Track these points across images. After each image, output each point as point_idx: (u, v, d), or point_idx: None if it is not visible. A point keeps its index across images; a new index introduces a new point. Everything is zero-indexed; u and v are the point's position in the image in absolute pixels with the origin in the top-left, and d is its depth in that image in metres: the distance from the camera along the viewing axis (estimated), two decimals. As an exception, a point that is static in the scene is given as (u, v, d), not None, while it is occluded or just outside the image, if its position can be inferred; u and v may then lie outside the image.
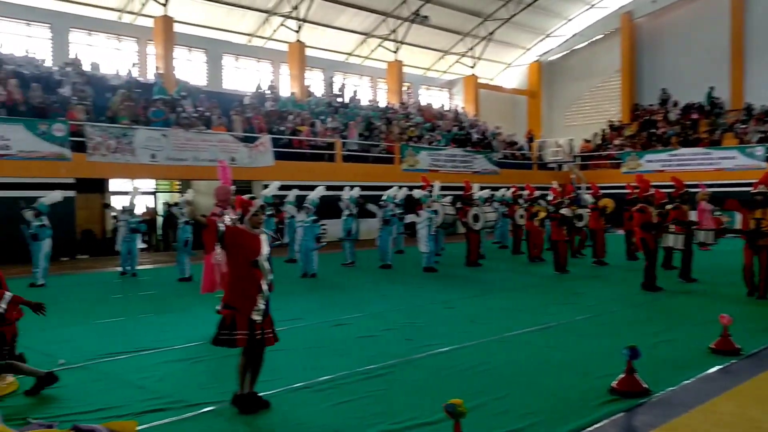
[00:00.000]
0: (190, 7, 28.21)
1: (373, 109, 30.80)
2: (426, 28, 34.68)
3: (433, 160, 28.34)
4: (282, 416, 5.44)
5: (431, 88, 39.53)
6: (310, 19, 30.53)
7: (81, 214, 19.97)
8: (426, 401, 5.72)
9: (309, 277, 14.56)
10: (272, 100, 26.95)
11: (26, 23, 24.33)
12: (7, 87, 18.67)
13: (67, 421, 5.09)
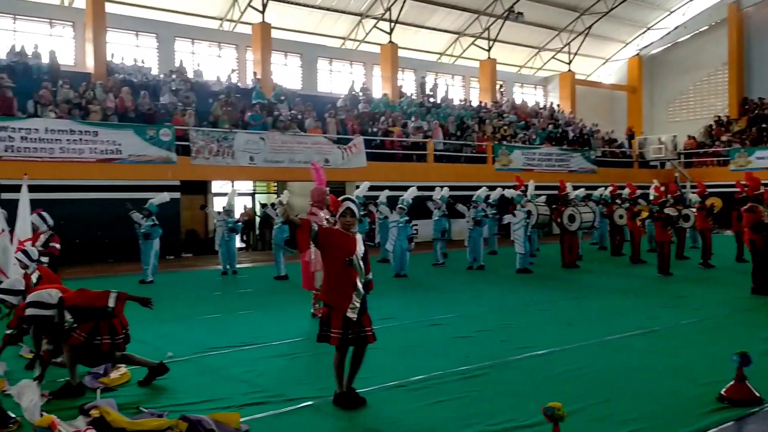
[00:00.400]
0: (286, 14, 29.03)
1: (466, 108, 30.58)
2: (520, 25, 34.14)
3: (528, 160, 27.83)
4: (377, 414, 5.48)
5: (525, 85, 38.86)
6: (402, 21, 30.70)
7: (185, 215, 20.92)
8: (523, 404, 5.61)
9: (401, 276, 14.62)
10: (365, 101, 27.28)
11: (135, 34, 25.74)
12: (119, 95, 19.81)
13: (176, 411, 5.34)
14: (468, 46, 35.25)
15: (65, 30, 24.30)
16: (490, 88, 33.89)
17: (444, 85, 33.68)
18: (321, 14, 30.35)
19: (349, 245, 5.66)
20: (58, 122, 17.49)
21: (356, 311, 5.56)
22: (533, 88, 39.29)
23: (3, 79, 18.33)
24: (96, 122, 18.20)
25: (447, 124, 27.24)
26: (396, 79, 30.27)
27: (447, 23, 33.80)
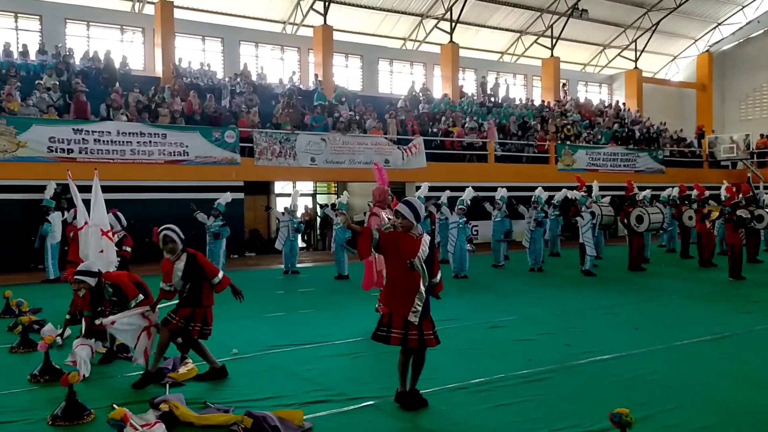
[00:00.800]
0: (347, 16, 29.28)
1: (528, 107, 30.17)
2: (584, 22, 33.49)
3: (592, 159, 27.22)
4: (439, 415, 5.47)
5: (590, 84, 38.09)
6: (463, 20, 30.52)
7: (249, 215, 21.34)
8: (588, 409, 5.51)
9: (461, 278, 14.54)
10: (425, 102, 27.23)
11: (201, 38, 26.43)
12: (186, 98, 20.38)
13: (241, 407, 5.46)
14: (530, 45, 34.78)
15: (135, 36, 25.15)
16: (553, 87, 33.33)
17: (503, 83, 33.28)
18: (382, 15, 30.49)
19: (412, 247, 5.60)
20: (129, 125, 18.09)
21: (418, 315, 5.53)
22: (598, 86, 38.44)
23: (78, 83, 19.10)
24: (164, 125, 18.75)
25: (508, 123, 26.93)
26: (456, 79, 30.11)
27: (509, 22, 33.44)
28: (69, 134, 17.06)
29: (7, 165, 16.27)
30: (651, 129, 32.02)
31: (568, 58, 35.79)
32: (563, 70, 34.51)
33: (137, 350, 6.58)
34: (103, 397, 5.84)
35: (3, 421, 5.37)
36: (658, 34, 35.89)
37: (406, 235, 5.67)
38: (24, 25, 23.25)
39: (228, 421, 5.14)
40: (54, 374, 6.43)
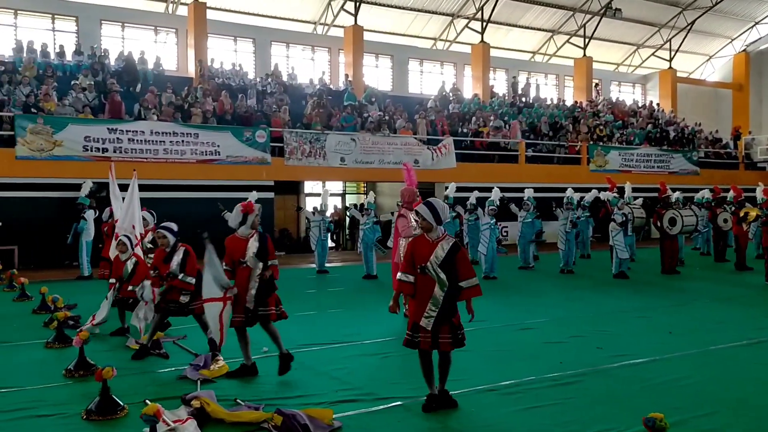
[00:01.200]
0: (378, 16, 29.33)
1: (559, 107, 29.88)
2: (618, 22, 33.08)
3: (625, 160, 26.87)
4: (469, 417, 5.44)
5: (623, 84, 37.61)
6: (494, 20, 30.37)
7: (279, 215, 21.49)
8: (620, 413, 5.43)
9: (491, 279, 14.46)
10: (455, 102, 27.14)
11: (233, 39, 26.69)
12: (218, 98, 20.59)
13: (271, 405, 5.49)
14: (562, 45, 34.47)
15: (169, 37, 25.49)
16: (586, 86, 32.97)
17: (534, 83, 33.01)
18: (412, 15, 30.47)
19: (424, 253, 5.48)
20: (162, 125, 18.35)
21: (431, 320, 5.43)
22: (631, 86, 37.94)
23: (113, 84, 19.43)
24: (197, 125, 18.97)
25: (539, 124, 26.70)
26: (487, 79, 29.95)
27: (541, 21, 33.17)
28: (104, 134, 17.37)
29: (44, 163, 16.62)
30: (685, 130, 31.51)
31: (600, 58, 35.38)
32: (596, 69, 34.13)
33: (214, 326, 6.62)
34: (136, 393, 5.92)
35: (39, 414, 5.48)
36: (694, 33, 35.31)
37: (422, 239, 5.56)
38: (61, 26, 23.73)
39: (258, 419, 5.17)
40: (88, 369, 6.55)
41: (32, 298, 11.30)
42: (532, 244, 16.80)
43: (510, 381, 6.38)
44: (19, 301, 11.45)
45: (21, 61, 19.93)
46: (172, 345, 7.95)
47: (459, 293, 5.52)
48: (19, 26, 22.95)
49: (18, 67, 19.54)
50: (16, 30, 22.72)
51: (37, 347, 7.96)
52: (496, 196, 15.64)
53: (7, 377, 6.60)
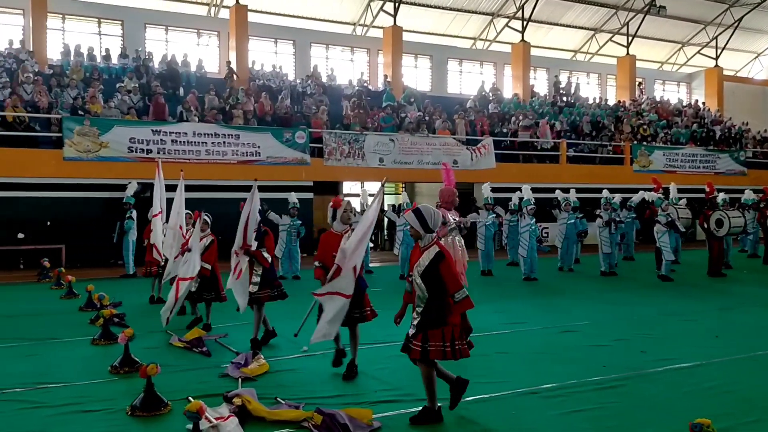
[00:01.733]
0: (417, 16, 29.31)
1: (601, 107, 29.41)
2: (662, 19, 32.44)
3: (669, 161, 26.32)
4: (510, 420, 5.37)
5: (667, 82, 36.87)
6: (535, 19, 30.06)
7: (318, 215, 21.57)
8: (666, 418, 5.32)
9: (531, 280, 14.31)
10: (495, 102, 26.92)
11: (274, 41, 26.96)
12: (259, 99, 20.82)
13: (311, 404, 5.51)
14: (605, 43, 33.96)
15: (211, 39, 25.88)
16: (629, 85, 32.38)
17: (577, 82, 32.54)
18: (452, 15, 30.36)
19: (414, 260, 5.36)
20: (204, 126, 18.62)
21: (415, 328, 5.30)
22: (676, 85, 37.15)
23: (156, 86, 19.79)
24: (238, 126, 19.20)
25: (581, 123, 26.32)
26: (528, 79, 29.65)
27: (582, 20, 32.72)
28: (148, 135, 17.71)
29: (90, 164, 17.03)
30: (732, 129, 30.71)
31: (644, 56, 34.72)
32: (639, 68, 33.51)
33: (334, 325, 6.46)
34: (179, 390, 6.01)
35: (85, 410, 5.60)
36: (741, 30, 34.40)
37: (417, 248, 5.42)
38: (107, 30, 24.30)
39: (298, 417, 5.20)
40: (133, 366, 6.67)
41: (79, 295, 11.58)
42: (575, 245, 16.58)
43: (552, 384, 6.29)
44: (66, 298, 11.74)
45: (69, 64, 20.45)
46: (214, 343, 8.05)
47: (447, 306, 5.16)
48: (67, 30, 23.57)
49: (66, 70, 20.06)
50: (64, 34, 23.34)
51: (83, 344, 8.14)
52: (528, 195, 15.50)
53: (54, 373, 6.77)
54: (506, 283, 14.12)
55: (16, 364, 7.19)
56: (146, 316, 9.99)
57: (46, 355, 7.59)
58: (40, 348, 7.98)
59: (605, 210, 15.83)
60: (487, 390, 6.05)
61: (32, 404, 5.74)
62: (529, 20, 29.57)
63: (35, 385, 6.31)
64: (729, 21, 33.82)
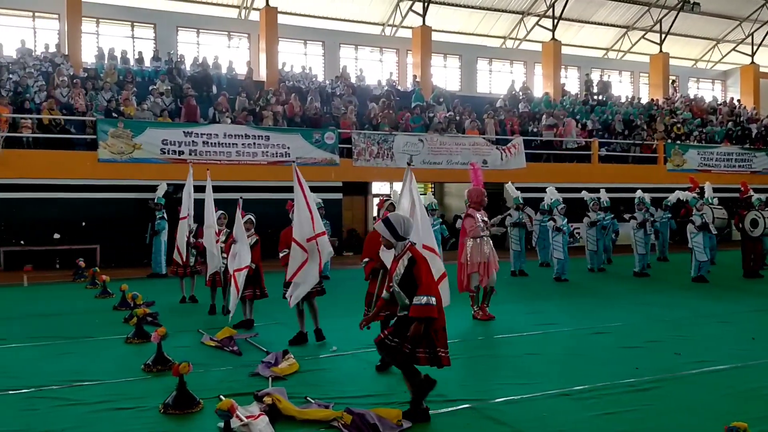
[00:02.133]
0: (446, 16, 29.20)
1: (634, 105, 28.99)
2: (696, 16, 31.86)
3: (704, 160, 25.84)
4: (541, 421, 5.32)
5: (701, 80, 36.21)
6: (566, 17, 29.76)
7: (347, 215, 21.65)
8: (701, 421, 5.22)
9: (562, 281, 14.16)
10: (525, 101, 26.70)
11: (303, 42, 27.11)
12: (288, 101, 20.95)
13: (341, 403, 5.52)
14: (637, 41, 33.47)
15: (241, 41, 26.12)
16: (662, 83, 31.86)
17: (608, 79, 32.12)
18: (481, 14, 30.21)
19: (393, 269, 5.38)
20: (235, 127, 18.79)
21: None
22: (710, 82, 36.48)
23: (188, 88, 20.04)
24: (268, 127, 19.34)
25: (613, 122, 25.98)
26: (558, 77, 29.36)
27: (614, 17, 32.30)
28: (180, 137, 17.94)
29: (124, 166, 17.30)
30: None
31: (678, 54, 34.15)
32: (673, 66, 32.96)
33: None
34: (210, 388, 6.07)
35: (119, 407, 5.69)
36: (778, 26, 33.66)
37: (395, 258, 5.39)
38: (140, 33, 24.67)
39: (328, 417, 5.22)
40: (166, 365, 6.76)
41: (113, 295, 11.77)
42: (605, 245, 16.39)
43: (584, 386, 6.22)
44: (101, 298, 11.94)
45: (103, 67, 20.82)
46: (245, 342, 8.12)
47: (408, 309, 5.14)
48: (101, 34, 23.97)
49: (100, 73, 20.41)
50: (98, 38, 23.74)
51: (117, 342, 8.27)
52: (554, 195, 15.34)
53: (89, 371, 6.89)
54: (537, 284, 14.00)
55: (52, 362, 7.33)
56: (178, 316, 10.13)
57: (81, 354, 7.73)
58: (76, 346, 8.13)
59: (639, 210, 15.61)
60: (517, 391, 6.00)
61: (68, 401, 5.85)
62: (560, 18, 29.28)
63: (71, 383, 6.43)
64: (765, 17, 33.08)
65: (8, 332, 8.90)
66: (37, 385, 6.36)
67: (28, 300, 12.00)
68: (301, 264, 7.63)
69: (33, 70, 19.35)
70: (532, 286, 13.81)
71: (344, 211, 20.98)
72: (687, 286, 13.51)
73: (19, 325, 9.48)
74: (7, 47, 21.09)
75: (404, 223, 5.32)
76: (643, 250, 15.27)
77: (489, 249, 9.81)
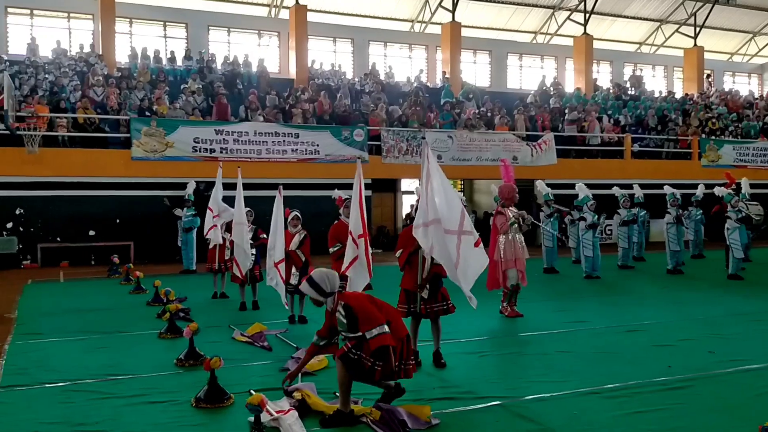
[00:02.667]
0: (476, 11, 29.06)
1: (668, 100, 28.53)
2: (731, 8, 31.27)
3: (740, 155, 25.33)
4: (571, 419, 5.28)
5: (737, 74, 35.47)
6: (598, 11, 29.40)
7: (376, 212, 21.70)
8: (734, 421, 5.13)
9: (593, 278, 14.01)
10: (556, 96, 26.45)
11: (332, 40, 27.20)
12: (317, 99, 21.05)
13: (370, 399, 5.54)
14: (671, 34, 32.91)
15: (272, 40, 26.30)
16: (697, 78, 31.29)
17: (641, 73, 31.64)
18: (511, 10, 29.98)
19: (333, 322, 5.48)
20: (265, 125, 18.96)
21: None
22: (746, 76, 35.70)
23: (219, 87, 20.25)
24: (297, 125, 19.47)
25: (647, 117, 25.60)
26: (590, 72, 29.01)
27: (647, 11, 31.79)
28: (211, 135, 18.15)
29: (157, 164, 17.57)
30: (808, 121, 29.29)
31: (713, 48, 33.52)
32: (708, 60, 32.35)
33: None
34: (241, 383, 6.14)
35: (152, 401, 5.79)
36: (818, 17, 32.83)
37: (330, 313, 5.42)
38: (172, 32, 24.99)
39: (357, 413, 5.24)
40: (197, 359, 6.86)
41: (146, 291, 11.96)
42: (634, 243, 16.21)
43: (614, 384, 6.15)
44: (135, 293, 12.16)
45: (136, 67, 21.15)
46: (275, 338, 8.20)
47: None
48: (134, 34, 24.35)
49: (133, 72, 20.74)
50: (131, 38, 24.12)
51: (150, 337, 8.42)
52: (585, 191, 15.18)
53: (123, 365, 7.02)
54: (568, 281, 13.88)
55: (88, 356, 7.48)
56: (210, 312, 10.26)
57: (115, 348, 7.89)
58: (111, 341, 8.30)
59: (672, 206, 15.38)
60: (547, 389, 5.96)
61: (103, 395, 5.97)
62: (592, 12, 28.94)
63: (105, 377, 6.56)
64: (805, 8, 32.34)
65: (45, 327, 9.12)
66: (73, 378, 6.50)
67: (64, 295, 12.27)
68: (353, 258, 7.61)
69: (68, 70, 19.75)
70: (563, 283, 13.69)
71: (373, 209, 21.03)
72: (722, 284, 13.26)
73: (56, 320, 9.70)
74: (43, 48, 21.56)
75: (328, 278, 5.29)
76: (677, 246, 15.04)
77: (521, 246, 9.76)
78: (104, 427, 5.18)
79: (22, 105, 16.74)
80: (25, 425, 5.22)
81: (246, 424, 5.12)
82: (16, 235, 16.64)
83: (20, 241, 16.64)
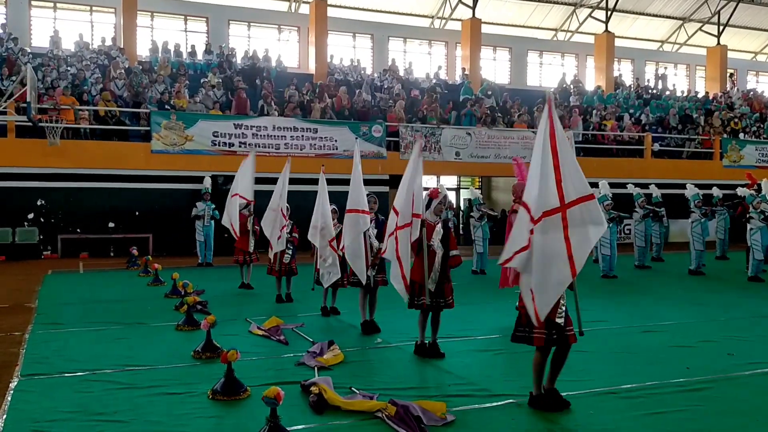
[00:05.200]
0: (496, 8, 28.91)
1: (690, 99, 28.21)
2: (756, 7, 30.85)
3: (762, 155, 25.01)
4: (585, 419, 5.25)
5: (761, 73, 34.99)
6: (619, 8, 29.13)
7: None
8: (754, 424, 5.08)
9: (610, 278, 13.91)
10: (576, 94, 26.27)
11: (352, 35, 27.20)
12: (336, 94, 21.06)
13: (385, 395, 5.55)
14: (694, 33, 32.54)
15: (291, 34, 26.36)
16: (719, 77, 30.92)
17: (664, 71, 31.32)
18: (532, 6, 29.79)
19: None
20: (284, 120, 19.02)
21: (562, 315, 5.67)
22: (771, 75, 35.26)
23: (239, 81, 20.33)
24: (316, 120, 19.51)
25: (668, 117, 25.34)
26: (611, 70, 28.77)
27: (670, 8, 31.45)
28: (230, 129, 18.25)
29: (176, 157, 17.70)
30: (834, 122, 28.83)
31: (736, 46, 33.09)
32: (731, 59, 31.96)
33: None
34: (257, 376, 6.17)
35: (169, 392, 5.83)
36: None
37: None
38: (192, 27, 25.14)
39: (372, 408, 5.24)
40: (215, 352, 6.90)
41: (164, 283, 12.06)
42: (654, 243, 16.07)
43: (631, 385, 6.10)
44: (153, 285, 12.26)
45: (157, 60, 21.28)
46: (291, 332, 8.23)
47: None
48: (156, 28, 24.52)
49: (154, 66, 20.88)
50: (152, 31, 24.28)
51: (168, 329, 8.48)
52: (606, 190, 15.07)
53: (141, 356, 7.09)
54: (584, 281, 13.72)
55: (106, 346, 7.56)
56: (227, 304, 10.32)
57: (134, 339, 7.96)
58: (129, 332, 8.38)
59: (696, 207, 15.23)
60: (563, 388, 5.90)
61: (121, 385, 6.03)
62: (614, 10, 28.68)
63: (124, 367, 6.63)
64: (831, 7, 31.81)
65: (65, 317, 9.23)
66: (91, 368, 6.57)
67: (83, 286, 12.41)
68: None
69: (90, 63, 19.92)
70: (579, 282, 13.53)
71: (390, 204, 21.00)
72: (743, 285, 13.12)
73: (75, 310, 9.81)
74: (66, 41, 21.77)
75: None
76: (701, 246, 14.89)
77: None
78: (122, 417, 5.23)
79: (44, 97, 16.92)
80: (45, 414, 5.28)
81: (262, 416, 5.13)
82: (37, 225, 16.85)
83: (41, 231, 16.85)
